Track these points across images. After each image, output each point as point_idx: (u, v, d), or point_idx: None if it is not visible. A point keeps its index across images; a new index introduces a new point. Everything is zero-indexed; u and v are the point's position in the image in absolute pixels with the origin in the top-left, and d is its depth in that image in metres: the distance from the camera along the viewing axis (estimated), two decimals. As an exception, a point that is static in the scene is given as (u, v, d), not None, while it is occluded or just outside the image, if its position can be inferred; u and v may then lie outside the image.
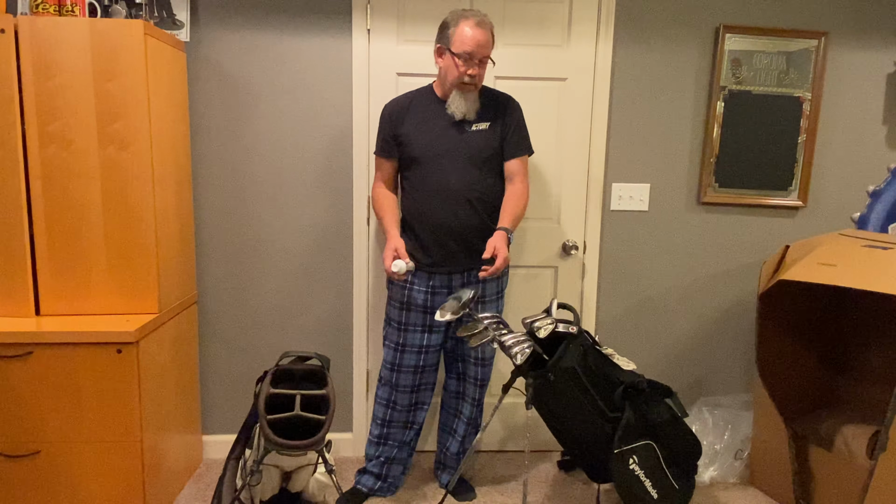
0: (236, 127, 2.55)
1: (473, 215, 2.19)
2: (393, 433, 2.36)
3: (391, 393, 2.32)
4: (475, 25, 2.05)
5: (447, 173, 2.16)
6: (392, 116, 2.22)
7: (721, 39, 2.61)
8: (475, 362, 2.36)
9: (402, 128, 2.20)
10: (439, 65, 2.15)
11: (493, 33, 2.11)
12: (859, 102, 2.72)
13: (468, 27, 2.05)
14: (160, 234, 2.22)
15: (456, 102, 2.14)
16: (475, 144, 2.17)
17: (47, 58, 2.02)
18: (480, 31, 2.05)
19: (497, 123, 2.21)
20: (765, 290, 2.41)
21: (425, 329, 2.27)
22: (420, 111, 2.20)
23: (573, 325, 2.11)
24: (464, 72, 2.08)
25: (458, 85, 2.12)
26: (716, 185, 2.73)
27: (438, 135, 2.17)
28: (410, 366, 2.29)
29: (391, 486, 2.44)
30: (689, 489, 2.25)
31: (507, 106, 2.25)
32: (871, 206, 2.78)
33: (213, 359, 2.69)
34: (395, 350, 2.28)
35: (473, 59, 2.07)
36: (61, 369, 2.03)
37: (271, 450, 1.92)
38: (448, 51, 2.10)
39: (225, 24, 2.48)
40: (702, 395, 2.91)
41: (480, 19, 2.07)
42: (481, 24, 2.06)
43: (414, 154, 2.18)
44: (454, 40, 2.07)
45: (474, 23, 2.05)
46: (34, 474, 2.08)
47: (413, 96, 2.24)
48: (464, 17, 2.07)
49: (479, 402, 2.42)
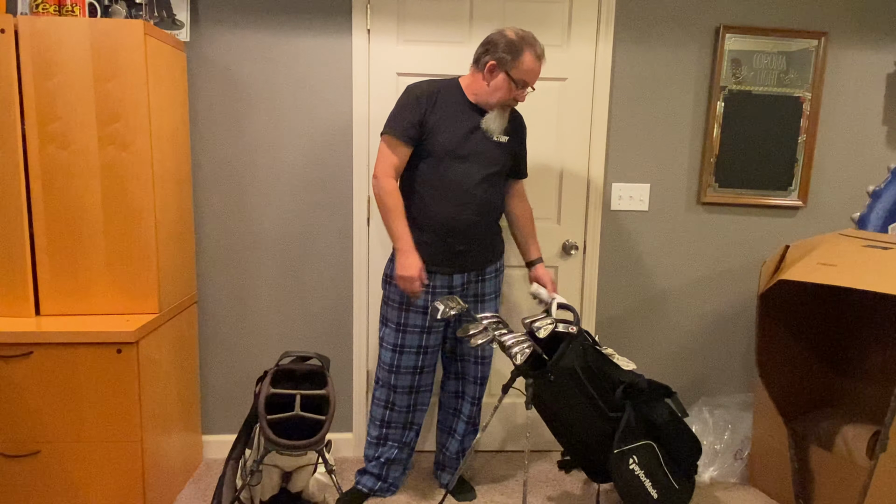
0: (236, 127, 2.55)
1: (482, 220, 2.20)
2: (392, 434, 2.36)
3: (389, 394, 2.31)
4: (538, 58, 2.07)
5: (466, 175, 2.14)
6: (422, 101, 2.10)
7: (721, 39, 2.61)
8: (475, 361, 2.37)
9: (431, 115, 2.11)
10: (488, 80, 2.10)
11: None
12: (859, 102, 2.72)
13: (533, 58, 2.06)
14: (160, 234, 2.22)
15: (496, 121, 2.14)
16: (496, 154, 2.18)
17: (47, 58, 2.02)
18: (541, 64, 2.09)
19: (514, 139, 2.24)
20: (765, 290, 2.41)
21: (424, 330, 2.26)
22: (449, 106, 2.14)
23: (573, 325, 2.11)
24: (515, 97, 2.11)
25: (504, 107, 2.14)
26: (716, 185, 2.73)
27: (466, 136, 2.14)
28: (409, 367, 2.28)
29: (391, 487, 2.44)
30: (689, 489, 2.25)
31: (521, 125, 2.31)
32: (871, 206, 2.78)
33: (213, 359, 2.69)
34: (394, 352, 2.27)
35: (528, 86, 2.10)
36: (61, 369, 2.03)
37: (271, 450, 1.92)
38: (506, 73, 2.07)
39: (225, 24, 2.48)
40: (702, 395, 2.91)
41: (542, 50, 2.09)
42: (542, 56, 2.09)
43: (437, 148, 2.11)
44: (517, 66, 2.06)
45: (538, 54, 2.07)
46: (34, 474, 2.08)
47: (441, 87, 2.15)
48: (528, 44, 2.06)
49: (478, 400, 2.42)
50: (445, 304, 2.06)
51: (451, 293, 2.24)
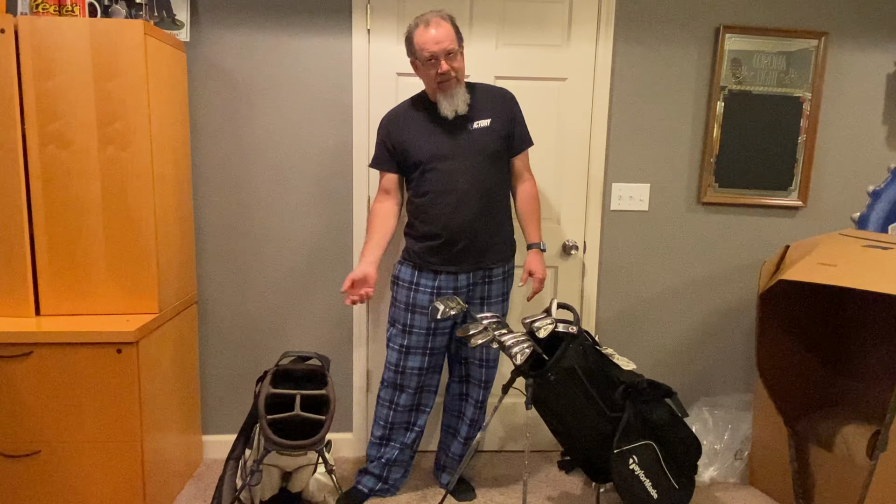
0: (236, 127, 2.55)
1: (481, 213, 2.19)
2: (395, 435, 2.36)
3: (394, 395, 2.32)
4: (428, 27, 2.07)
5: (454, 174, 2.16)
6: (390, 127, 2.24)
7: (721, 39, 2.61)
8: (479, 364, 2.37)
9: (402, 136, 2.20)
10: (420, 77, 2.19)
11: (453, 24, 2.11)
12: (859, 102, 2.72)
13: (422, 31, 2.07)
14: (160, 234, 2.22)
15: (443, 104, 2.15)
16: (479, 142, 2.18)
17: (47, 58, 2.02)
18: (435, 30, 2.06)
19: (498, 120, 2.22)
20: (765, 289, 2.41)
21: (430, 331, 2.26)
22: (418, 118, 2.21)
23: (573, 325, 2.11)
24: (434, 74, 2.10)
25: (438, 87, 2.13)
26: (716, 185, 2.73)
27: (441, 138, 2.17)
28: (415, 368, 2.28)
29: (391, 488, 2.44)
30: (690, 489, 2.25)
31: (506, 100, 2.26)
32: (871, 206, 2.78)
33: (213, 359, 2.69)
34: (400, 352, 2.28)
35: (438, 58, 2.08)
36: (61, 369, 2.03)
37: (271, 450, 1.93)
38: (415, 60, 2.14)
39: (225, 24, 2.48)
40: (702, 395, 2.91)
41: (433, 18, 2.08)
42: (434, 22, 2.07)
43: (419, 160, 2.18)
44: (416, 49, 2.10)
45: (427, 24, 2.07)
46: (34, 474, 2.08)
47: (407, 105, 2.26)
48: (417, 23, 2.09)
49: (482, 403, 2.42)
50: (445, 304, 2.06)
51: (458, 293, 2.24)
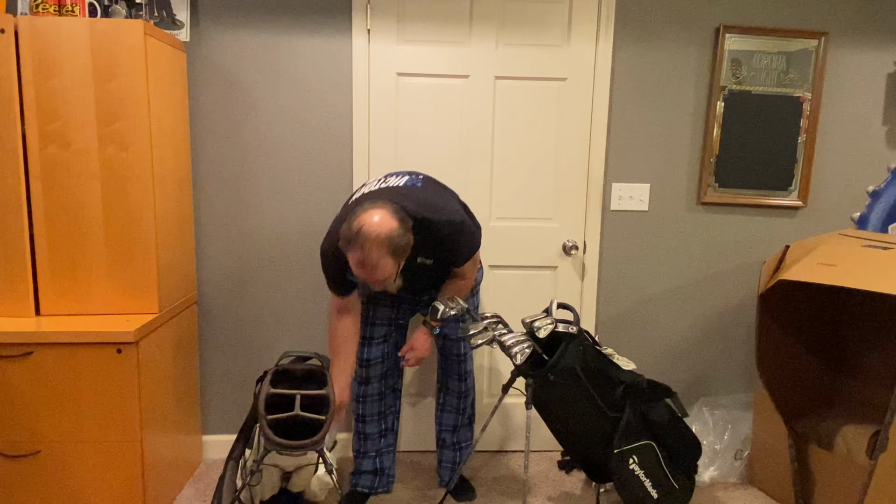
0: (236, 127, 2.55)
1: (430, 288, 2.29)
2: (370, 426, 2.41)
3: (360, 388, 2.39)
4: (355, 264, 1.89)
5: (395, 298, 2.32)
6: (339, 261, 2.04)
7: (721, 39, 2.61)
8: (455, 358, 2.41)
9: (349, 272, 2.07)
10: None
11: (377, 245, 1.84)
12: (859, 102, 2.72)
13: (351, 258, 1.89)
14: (160, 234, 2.22)
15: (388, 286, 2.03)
16: (422, 275, 2.15)
17: (47, 58, 2.02)
18: (361, 267, 1.88)
19: (440, 259, 2.10)
20: (765, 290, 2.41)
21: (391, 323, 2.35)
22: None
23: (573, 325, 2.11)
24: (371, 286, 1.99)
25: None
26: (716, 185, 2.73)
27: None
28: (377, 357, 2.35)
29: (389, 479, 2.46)
30: (690, 489, 2.25)
31: (444, 242, 2.05)
32: (871, 206, 2.78)
33: (213, 359, 2.69)
34: (363, 345, 2.35)
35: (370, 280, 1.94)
36: (61, 369, 2.03)
37: (271, 450, 1.92)
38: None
39: (225, 24, 2.48)
40: (702, 395, 2.91)
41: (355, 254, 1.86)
42: (359, 261, 1.87)
43: (367, 292, 2.31)
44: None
45: (354, 260, 1.88)
46: (34, 474, 2.08)
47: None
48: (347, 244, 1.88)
49: (464, 394, 2.45)
50: (445, 304, 2.07)
51: (416, 300, 2.33)
